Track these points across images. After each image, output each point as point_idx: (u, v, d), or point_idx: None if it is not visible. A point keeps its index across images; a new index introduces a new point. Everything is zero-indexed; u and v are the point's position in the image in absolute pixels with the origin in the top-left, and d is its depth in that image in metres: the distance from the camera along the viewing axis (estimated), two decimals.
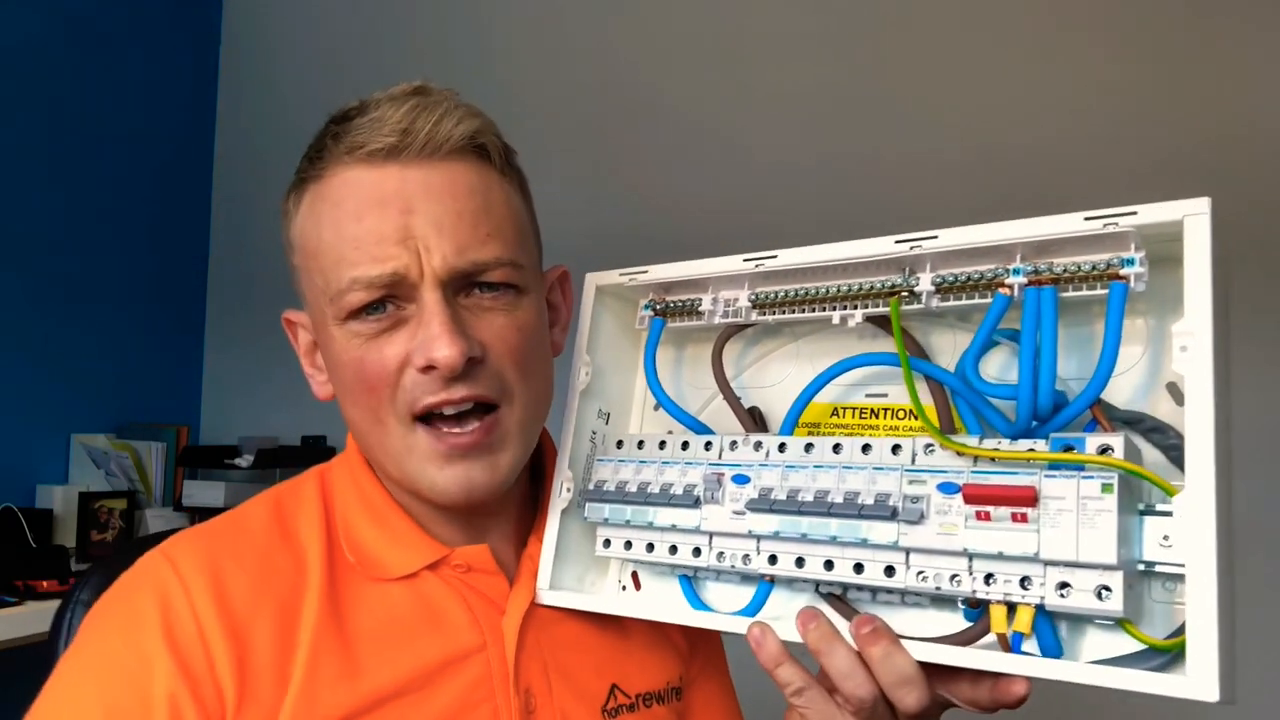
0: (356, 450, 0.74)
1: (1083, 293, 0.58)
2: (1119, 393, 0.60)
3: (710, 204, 2.04)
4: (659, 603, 0.75)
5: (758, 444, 0.69)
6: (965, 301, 0.62)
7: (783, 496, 0.64)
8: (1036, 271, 0.59)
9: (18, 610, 1.63)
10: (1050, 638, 0.57)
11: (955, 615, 0.62)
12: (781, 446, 0.68)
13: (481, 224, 0.66)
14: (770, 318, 0.71)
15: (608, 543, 0.74)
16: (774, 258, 0.69)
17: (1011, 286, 0.60)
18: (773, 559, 0.65)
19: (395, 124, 0.65)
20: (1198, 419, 0.52)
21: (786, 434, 0.69)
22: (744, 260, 0.70)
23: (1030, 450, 0.58)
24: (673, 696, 0.78)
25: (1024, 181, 1.76)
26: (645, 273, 0.75)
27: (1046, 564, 0.55)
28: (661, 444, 0.74)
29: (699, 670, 0.83)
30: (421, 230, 0.64)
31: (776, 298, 0.70)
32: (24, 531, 1.97)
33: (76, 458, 2.26)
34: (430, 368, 0.64)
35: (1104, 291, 0.57)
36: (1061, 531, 0.54)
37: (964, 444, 0.60)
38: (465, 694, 0.67)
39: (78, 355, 2.29)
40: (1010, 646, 0.57)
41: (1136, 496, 0.56)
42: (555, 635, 0.73)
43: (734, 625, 0.66)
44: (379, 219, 0.64)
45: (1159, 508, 0.55)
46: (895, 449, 0.63)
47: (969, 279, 0.62)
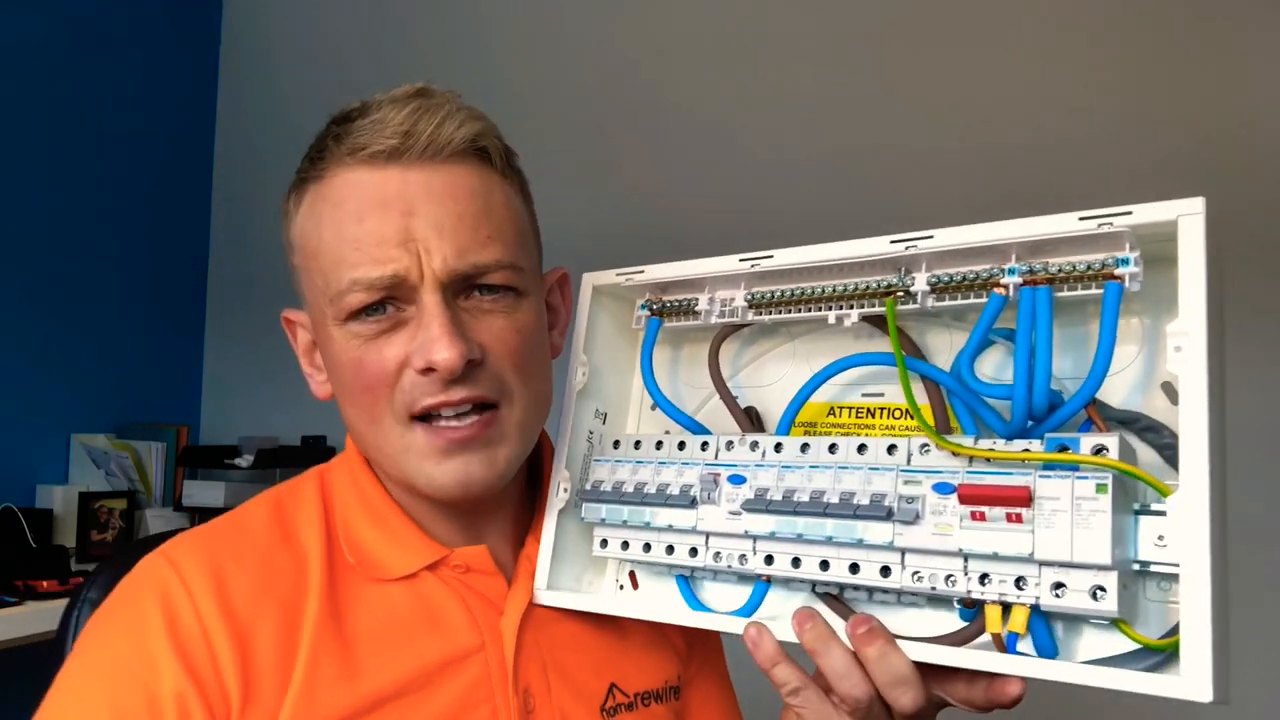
0: (356, 451, 0.74)
1: (1078, 292, 0.58)
2: (1114, 392, 0.60)
3: (709, 204, 2.04)
4: (656, 602, 0.75)
5: (754, 444, 0.69)
6: (961, 301, 0.63)
7: (779, 497, 0.65)
8: (1031, 271, 0.59)
9: (18, 610, 1.63)
10: (1045, 638, 0.57)
11: (951, 615, 0.62)
12: (778, 446, 0.68)
13: (482, 227, 0.66)
14: (766, 317, 0.71)
15: (605, 543, 0.74)
16: (770, 258, 0.69)
17: (1007, 286, 0.60)
18: (769, 559, 0.66)
19: (397, 126, 0.65)
20: (1192, 419, 0.52)
21: (783, 433, 0.69)
22: (740, 260, 0.70)
23: (1025, 450, 0.58)
24: (671, 696, 0.79)
25: (1022, 181, 1.76)
26: (642, 273, 0.75)
27: (1041, 564, 0.55)
28: (658, 444, 0.74)
29: (697, 670, 0.83)
30: (422, 232, 0.64)
31: (773, 297, 0.70)
32: (24, 531, 1.96)
33: (76, 458, 2.26)
34: (429, 370, 0.64)
35: (1099, 291, 0.57)
36: (1056, 532, 0.54)
37: (959, 444, 0.60)
38: (464, 694, 0.67)
39: (78, 355, 2.29)
40: (1005, 646, 0.57)
41: (1131, 496, 0.56)
42: (554, 635, 0.73)
43: (731, 625, 0.66)
44: (380, 221, 0.64)
45: (1154, 507, 0.55)
46: (891, 449, 0.63)
47: (964, 279, 0.62)
